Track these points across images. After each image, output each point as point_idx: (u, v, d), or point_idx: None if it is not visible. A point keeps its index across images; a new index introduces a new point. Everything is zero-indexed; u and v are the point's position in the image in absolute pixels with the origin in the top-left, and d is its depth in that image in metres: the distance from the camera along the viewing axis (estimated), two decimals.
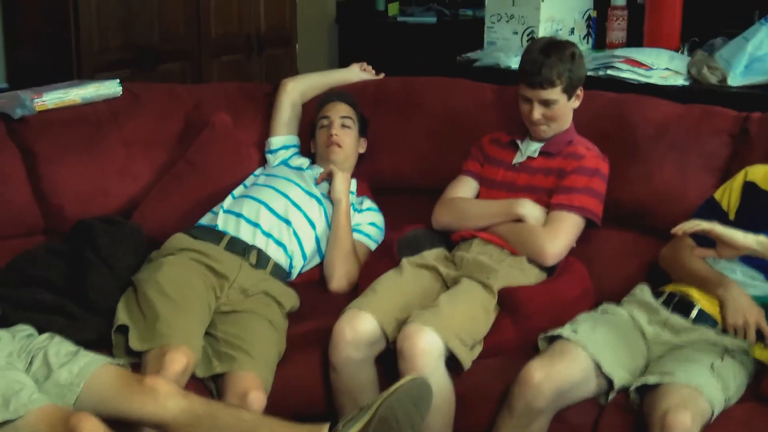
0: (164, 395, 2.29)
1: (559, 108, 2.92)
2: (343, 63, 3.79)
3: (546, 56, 2.87)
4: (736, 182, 2.72)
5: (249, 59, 5.02)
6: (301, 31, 5.33)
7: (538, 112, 2.91)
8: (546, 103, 2.90)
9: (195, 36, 4.70)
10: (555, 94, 2.89)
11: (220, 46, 4.83)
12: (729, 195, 2.72)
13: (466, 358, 2.64)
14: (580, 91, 2.97)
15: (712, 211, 2.71)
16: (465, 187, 3.10)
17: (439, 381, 2.57)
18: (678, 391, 2.34)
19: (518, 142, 3.05)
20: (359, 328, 2.67)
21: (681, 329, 2.60)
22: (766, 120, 2.94)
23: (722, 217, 2.65)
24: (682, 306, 2.63)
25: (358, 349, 2.67)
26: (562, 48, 2.92)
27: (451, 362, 2.63)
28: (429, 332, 2.56)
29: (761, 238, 2.35)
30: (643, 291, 2.73)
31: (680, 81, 3.65)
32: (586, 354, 2.49)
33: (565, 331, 2.57)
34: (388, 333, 2.69)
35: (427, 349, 2.55)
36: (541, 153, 3.00)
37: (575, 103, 2.97)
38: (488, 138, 3.15)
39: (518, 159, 3.04)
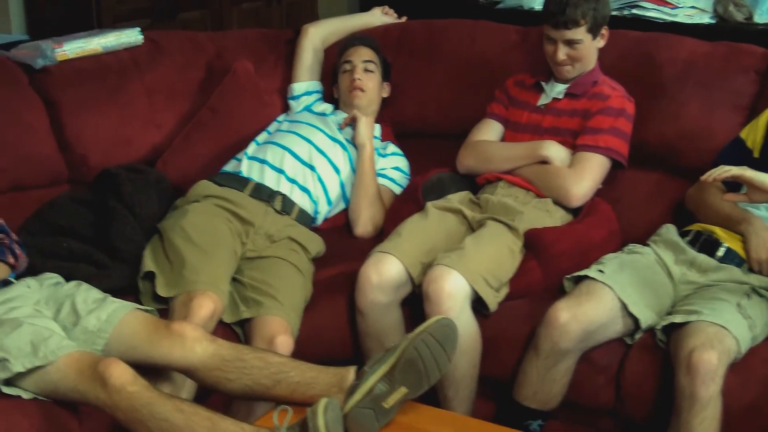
0: (192, 340, 2.30)
1: (584, 48, 2.89)
2: (365, 7, 3.75)
3: None
4: (761, 120, 2.68)
5: (269, 5, 4.99)
6: None
7: (562, 53, 2.88)
8: (570, 43, 2.87)
9: None
10: (580, 33, 2.85)
11: None
12: (755, 133, 2.68)
13: (493, 300, 2.64)
14: (605, 31, 2.93)
15: (737, 150, 2.68)
16: (489, 130, 3.08)
17: (466, 323, 2.58)
18: (704, 329, 2.33)
19: (543, 83, 3.02)
20: (385, 271, 2.67)
21: (708, 268, 2.58)
22: None
23: (747, 156, 2.63)
24: (709, 245, 2.61)
25: (384, 292, 2.68)
26: None
27: (478, 304, 2.64)
28: (455, 274, 2.56)
29: None
30: (669, 231, 2.71)
31: (706, 19, 3.60)
32: (613, 294, 2.49)
33: (591, 271, 2.56)
34: (414, 276, 2.69)
35: (453, 291, 2.55)
36: (567, 94, 2.97)
37: (600, 42, 2.94)
38: (512, 80, 3.12)
39: (543, 101, 3.01)
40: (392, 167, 3.21)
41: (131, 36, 3.34)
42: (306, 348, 2.65)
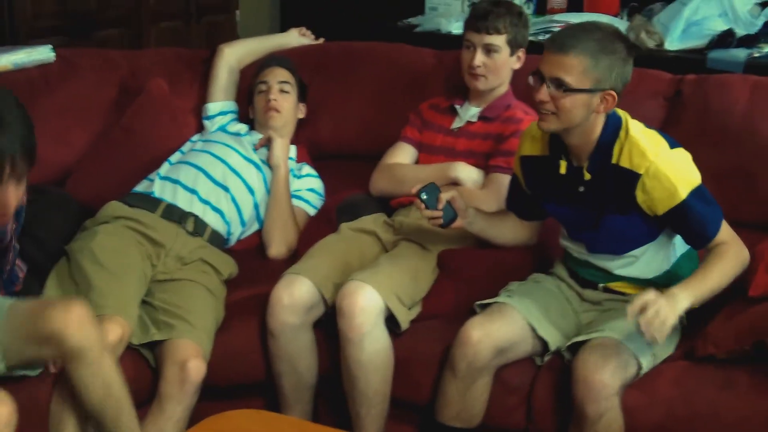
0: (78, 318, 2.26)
1: (501, 59, 2.93)
2: (285, 29, 3.75)
3: (496, 6, 2.93)
4: (516, 156, 2.69)
5: (188, 26, 4.96)
6: None
7: (480, 58, 2.91)
8: (489, 51, 2.91)
9: (133, 2, 4.62)
10: (499, 41, 2.91)
11: (158, 12, 4.76)
12: (516, 168, 2.70)
13: (404, 318, 2.64)
14: (521, 53, 2.97)
15: (516, 187, 2.73)
16: (402, 154, 3.09)
17: (378, 339, 2.58)
18: (602, 344, 2.37)
19: (457, 107, 3.04)
20: (296, 292, 2.66)
21: (598, 299, 2.61)
22: (700, 82, 2.96)
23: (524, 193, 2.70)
24: (588, 282, 2.64)
25: (295, 313, 2.67)
26: (510, 4, 2.98)
27: (390, 323, 2.64)
28: (368, 289, 2.57)
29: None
30: (558, 268, 2.73)
31: None
32: (521, 316, 2.52)
33: (500, 297, 2.59)
34: (327, 297, 2.68)
35: (366, 306, 2.56)
36: (480, 118, 2.99)
37: (516, 63, 2.98)
38: (427, 104, 3.14)
39: (457, 124, 3.03)
40: (307, 189, 3.20)
41: (42, 53, 3.30)
42: (218, 371, 2.63)
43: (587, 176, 2.44)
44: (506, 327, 2.49)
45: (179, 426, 2.52)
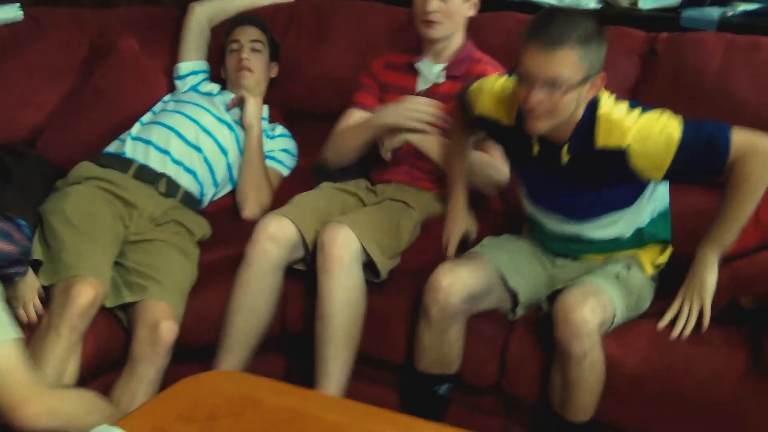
0: None
1: (455, 3, 2.81)
2: None
3: None
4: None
5: None
6: None
7: (434, 4, 2.78)
8: None
9: None
10: None
11: None
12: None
13: (383, 265, 2.64)
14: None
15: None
16: (354, 121, 2.95)
17: (354, 276, 2.58)
18: (580, 286, 2.37)
19: (417, 65, 2.93)
20: (281, 227, 2.66)
21: (571, 265, 2.61)
22: (673, 40, 2.96)
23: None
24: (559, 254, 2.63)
25: (276, 244, 2.65)
26: None
27: (369, 274, 2.65)
28: (348, 230, 2.58)
29: None
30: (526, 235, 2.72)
31: (593, 4, 3.63)
32: (491, 265, 2.53)
33: (473, 249, 2.60)
34: (308, 241, 2.67)
35: (345, 242, 2.56)
36: (448, 77, 2.90)
37: (469, 10, 2.87)
38: (381, 63, 3.01)
39: (423, 86, 2.92)
40: (280, 149, 3.18)
41: (10, 12, 3.26)
42: (193, 332, 2.63)
43: (566, 158, 2.37)
44: (476, 272, 2.49)
45: (152, 387, 2.52)
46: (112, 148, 3.04)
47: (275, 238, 2.65)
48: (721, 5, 3.46)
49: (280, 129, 3.23)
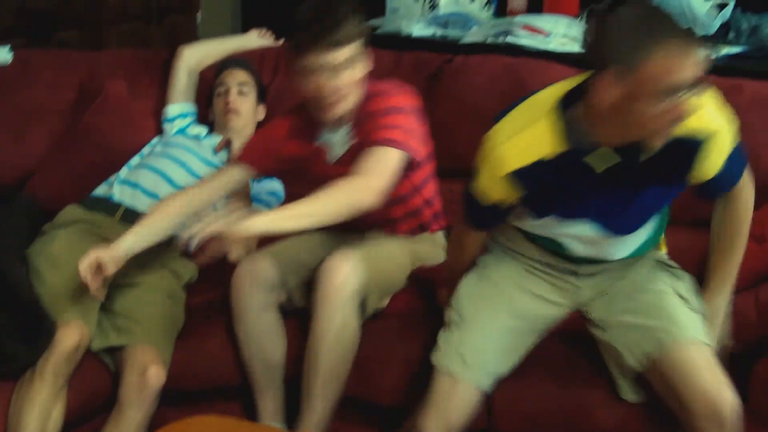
0: None
1: (345, 76, 2.62)
2: (246, 31, 3.74)
3: None
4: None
5: (149, 27, 4.91)
6: None
7: (329, 86, 2.60)
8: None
9: (93, 2, 4.58)
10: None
11: (119, 13, 4.71)
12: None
13: (372, 305, 2.64)
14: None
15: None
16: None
17: (350, 314, 2.55)
18: (687, 356, 2.17)
19: (321, 142, 2.74)
20: (258, 270, 2.65)
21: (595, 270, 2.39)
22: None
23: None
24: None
25: (258, 291, 2.64)
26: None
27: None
28: (353, 263, 2.53)
29: None
30: (521, 248, 2.45)
31: (577, 48, 3.68)
32: (474, 386, 2.37)
33: (453, 364, 2.38)
34: (290, 278, 2.67)
35: (349, 274, 2.52)
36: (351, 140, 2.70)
37: (361, 71, 2.68)
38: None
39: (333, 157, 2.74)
40: (267, 192, 3.19)
41: (0, 54, 3.27)
42: (184, 376, 2.65)
43: (644, 156, 2.05)
44: (461, 409, 2.35)
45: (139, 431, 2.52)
46: (100, 191, 3.05)
47: (255, 286, 2.64)
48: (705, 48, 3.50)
49: None
